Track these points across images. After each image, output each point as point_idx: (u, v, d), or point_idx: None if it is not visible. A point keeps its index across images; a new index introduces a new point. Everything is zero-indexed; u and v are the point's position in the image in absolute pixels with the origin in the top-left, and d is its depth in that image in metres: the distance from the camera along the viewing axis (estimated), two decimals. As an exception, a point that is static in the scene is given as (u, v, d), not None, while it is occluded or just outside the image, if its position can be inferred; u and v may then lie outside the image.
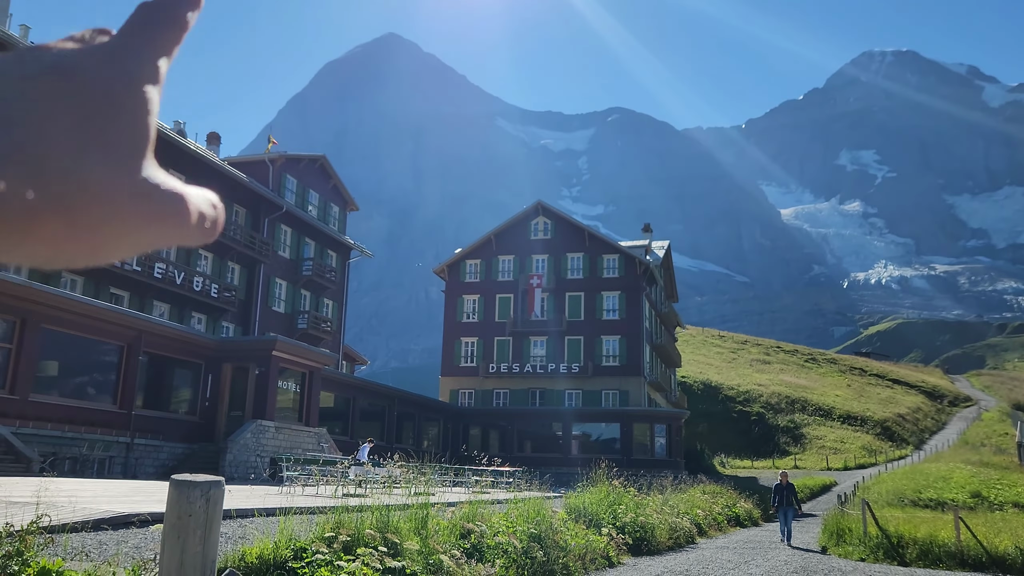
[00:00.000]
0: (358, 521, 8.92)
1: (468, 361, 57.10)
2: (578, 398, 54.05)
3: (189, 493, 2.75)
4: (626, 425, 48.81)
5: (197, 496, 2.72)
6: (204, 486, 2.78)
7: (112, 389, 25.27)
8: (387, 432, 43.41)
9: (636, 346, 54.40)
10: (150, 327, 26.48)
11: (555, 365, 54.88)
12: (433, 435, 49.55)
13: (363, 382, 43.98)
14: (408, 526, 9.57)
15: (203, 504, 2.68)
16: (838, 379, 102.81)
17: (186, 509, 2.71)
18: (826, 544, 20.11)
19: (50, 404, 22.82)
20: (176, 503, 2.78)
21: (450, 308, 58.90)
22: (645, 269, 55.83)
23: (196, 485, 2.77)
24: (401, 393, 46.16)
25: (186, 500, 2.74)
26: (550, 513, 13.18)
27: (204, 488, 2.76)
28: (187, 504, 2.72)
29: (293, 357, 30.38)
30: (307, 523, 9.05)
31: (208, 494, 2.77)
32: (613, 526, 15.64)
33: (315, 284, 46.70)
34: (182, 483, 2.84)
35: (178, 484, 2.85)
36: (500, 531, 11.19)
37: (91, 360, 25.25)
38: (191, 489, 2.76)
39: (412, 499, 10.58)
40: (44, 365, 23.51)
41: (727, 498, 28.67)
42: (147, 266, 33.77)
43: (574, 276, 56.98)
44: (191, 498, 2.73)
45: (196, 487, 2.76)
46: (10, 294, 21.50)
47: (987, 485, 35.51)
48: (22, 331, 21.99)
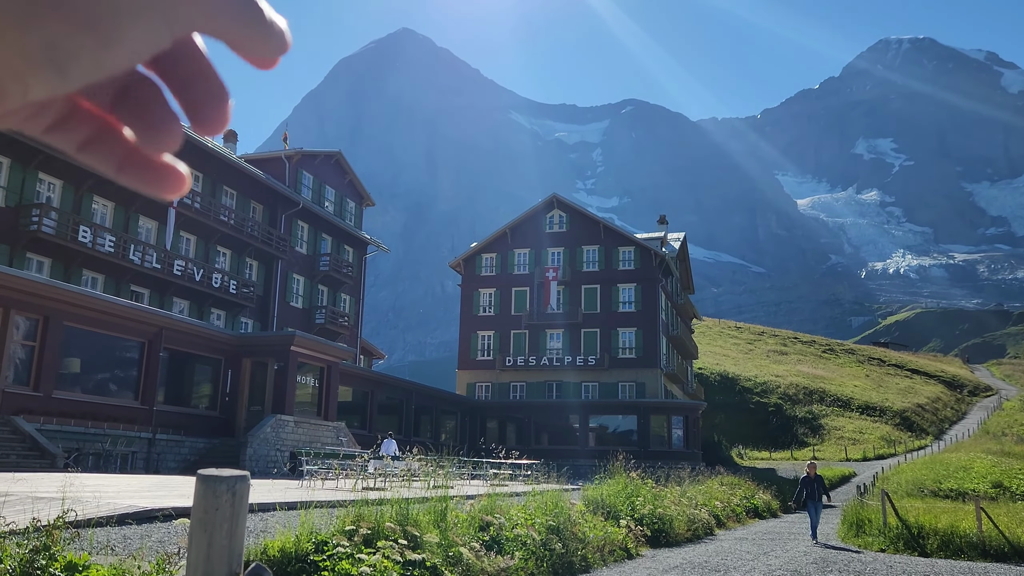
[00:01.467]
0: (378, 514, 9.00)
1: (485, 354, 57.22)
2: (595, 390, 54.05)
3: (215, 488, 2.81)
4: (643, 417, 48.77)
5: (223, 491, 2.78)
6: (230, 481, 2.83)
7: (134, 385, 25.54)
8: (405, 426, 43.60)
9: (652, 338, 54.31)
10: (170, 323, 26.73)
11: (571, 358, 54.89)
12: (451, 428, 49.72)
13: (381, 376, 44.18)
14: (428, 519, 9.64)
15: (229, 498, 2.74)
16: (856, 369, 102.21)
17: (212, 503, 2.77)
18: (845, 535, 20.06)
19: (73, 400, 23.11)
20: (203, 497, 2.84)
21: (466, 302, 59.01)
22: (661, 261, 55.68)
23: (222, 480, 2.83)
24: (418, 387, 46.33)
25: (212, 495, 2.80)
26: (568, 505, 13.23)
27: (230, 483, 2.82)
28: (213, 498, 2.78)
29: (311, 352, 30.57)
30: (328, 517, 9.13)
31: (234, 488, 2.83)
32: (631, 518, 15.67)
33: (332, 279, 46.91)
34: (208, 478, 2.90)
35: (205, 479, 2.91)
36: (519, 523, 11.25)
37: (113, 357, 25.53)
38: (217, 484, 2.82)
39: (431, 492, 10.65)
40: (67, 362, 23.79)
41: (745, 489, 28.63)
42: (166, 263, 34.05)
43: (590, 269, 56.92)
44: (217, 492, 2.79)
45: (222, 482, 2.82)
46: (33, 292, 21.76)
47: (1009, 475, 35.26)
48: (45, 329, 22.26)
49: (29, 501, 8.70)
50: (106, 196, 32.48)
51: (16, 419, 20.78)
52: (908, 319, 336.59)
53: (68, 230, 29.48)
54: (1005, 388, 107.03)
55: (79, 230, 29.84)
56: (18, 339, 21.78)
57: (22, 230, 28.31)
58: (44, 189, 30.09)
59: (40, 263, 29.50)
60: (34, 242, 28.73)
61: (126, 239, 32.24)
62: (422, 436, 44.18)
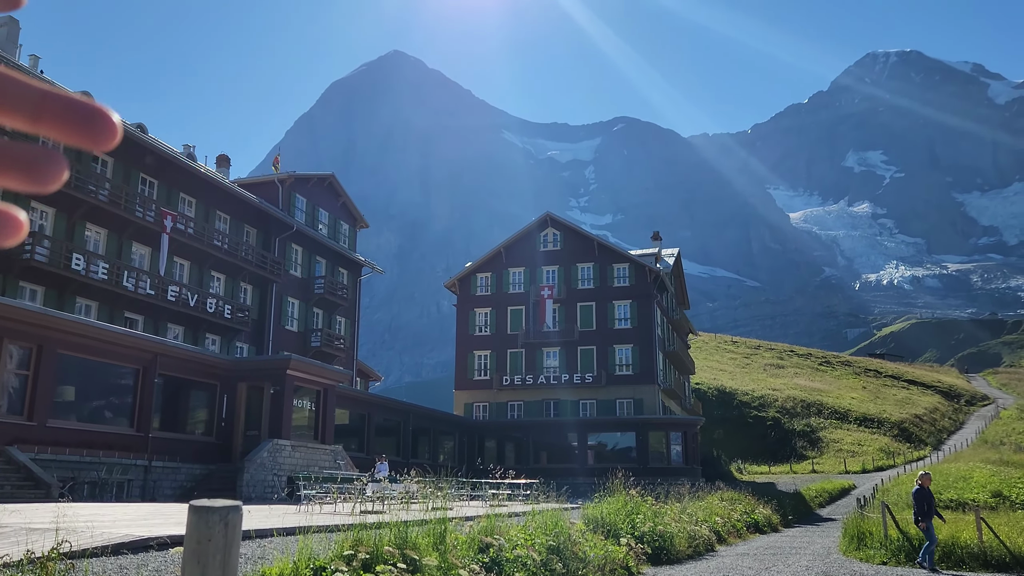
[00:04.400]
0: (376, 538, 8.93)
1: (481, 374, 57.09)
2: (592, 408, 53.92)
3: (208, 518, 2.78)
4: (641, 434, 48.63)
5: (216, 521, 2.75)
6: (222, 511, 2.81)
7: (129, 412, 25.40)
8: (403, 447, 43.41)
9: (649, 354, 54.26)
10: (165, 349, 26.63)
11: (568, 375, 54.79)
12: (449, 449, 49.51)
13: (378, 398, 44.03)
14: (426, 542, 9.56)
15: (222, 529, 2.71)
16: (853, 381, 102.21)
17: (205, 534, 2.74)
18: (847, 549, 19.96)
19: (68, 429, 22.96)
20: (195, 529, 2.82)
21: (462, 322, 58.95)
22: (655, 277, 55.75)
23: (215, 510, 2.80)
24: (416, 408, 46.18)
25: (205, 525, 2.77)
26: (568, 524, 13.15)
27: (222, 513, 2.79)
28: (206, 529, 2.75)
29: (307, 375, 30.46)
30: (326, 541, 9.06)
31: (227, 519, 2.80)
32: (632, 536, 15.58)
33: (327, 302, 46.85)
34: (201, 509, 2.87)
35: (197, 510, 2.89)
36: (518, 544, 11.17)
37: (107, 384, 25.40)
38: (210, 514, 2.79)
39: (430, 514, 10.57)
40: (61, 390, 23.66)
41: (745, 504, 28.51)
42: (160, 289, 33.98)
43: (585, 286, 56.96)
44: (210, 523, 2.76)
45: (215, 512, 2.79)
46: (26, 321, 21.67)
47: (1008, 484, 35.19)
48: (39, 358, 22.15)
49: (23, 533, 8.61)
50: (99, 223, 32.45)
51: (10, 449, 20.63)
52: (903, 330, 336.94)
53: (61, 258, 29.43)
54: (1001, 397, 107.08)
55: (72, 258, 29.78)
56: (12, 368, 21.66)
57: (15, 259, 28.26)
58: (36, 217, 30.06)
59: (33, 291, 29.41)
60: (27, 271, 28.66)
61: (119, 266, 32.18)
62: (420, 457, 43.95)
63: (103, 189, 31.92)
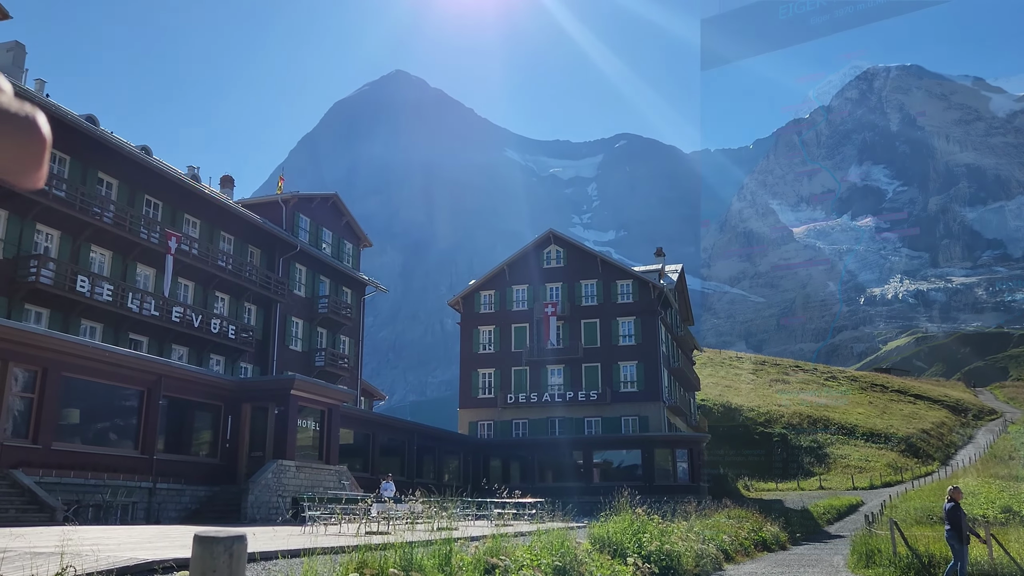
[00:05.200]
0: (382, 559, 8.89)
1: (486, 392, 56.99)
2: (598, 425, 53.75)
3: (213, 548, 2.78)
4: (647, 451, 48.42)
5: (221, 551, 2.75)
6: (227, 541, 2.80)
7: (133, 434, 25.38)
8: (407, 467, 43.27)
9: (654, 371, 54.14)
10: (169, 371, 26.64)
11: (573, 393, 54.67)
12: (453, 468, 49.34)
13: (382, 417, 43.94)
14: (432, 562, 9.52)
15: (226, 559, 2.71)
16: (859, 396, 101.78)
17: (210, 565, 2.74)
18: (855, 566, 19.82)
19: (72, 452, 22.93)
20: (200, 559, 2.82)
21: (466, 340, 58.92)
22: (659, 293, 55.72)
23: (219, 541, 2.80)
24: (420, 427, 46.07)
25: (210, 556, 2.77)
26: (574, 544, 13.08)
27: (227, 543, 2.79)
28: (211, 559, 2.75)
29: (312, 395, 30.43)
30: (331, 563, 9.02)
31: (231, 549, 2.80)
32: (638, 555, 15.48)
33: (331, 321, 46.88)
34: (206, 539, 2.87)
35: (202, 540, 2.89)
36: (524, 564, 11.11)
37: (112, 406, 25.39)
38: (215, 545, 2.79)
39: (435, 534, 10.53)
40: (66, 413, 23.65)
41: (753, 522, 28.34)
42: (165, 310, 34.03)
43: (588, 303, 56.95)
44: (215, 553, 2.76)
45: (219, 543, 2.79)
46: (31, 344, 21.71)
47: (1018, 499, 34.95)
48: (43, 380, 22.16)
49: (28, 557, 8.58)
50: (103, 245, 32.57)
51: (15, 472, 20.60)
52: (909, 344, 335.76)
53: (66, 280, 29.52)
54: (1009, 411, 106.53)
55: (77, 280, 29.87)
56: (17, 391, 21.67)
57: (20, 281, 28.34)
58: (42, 239, 30.18)
59: (39, 314, 29.48)
60: (32, 293, 28.75)
61: (124, 287, 32.26)
62: (425, 477, 43.81)
63: (108, 211, 32.06)
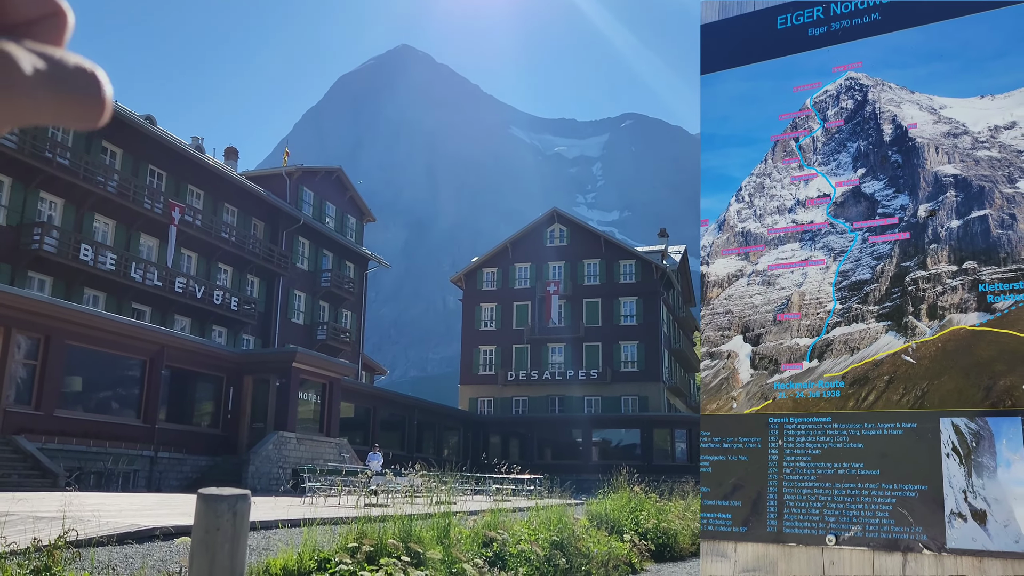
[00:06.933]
0: (380, 531, 8.96)
1: (487, 369, 57.14)
2: (597, 404, 53.93)
3: (217, 507, 2.80)
4: (646, 430, 48.62)
5: (224, 510, 2.77)
6: (231, 500, 2.83)
7: (135, 403, 25.51)
8: (407, 442, 43.50)
9: (654, 351, 54.23)
10: (172, 341, 26.72)
11: (573, 372, 54.80)
12: (453, 444, 49.59)
13: (383, 392, 44.10)
14: (430, 535, 9.59)
15: (230, 517, 2.73)
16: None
17: (214, 523, 2.76)
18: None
19: (75, 419, 23.07)
20: (204, 517, 2.84)
21: (468, 317, 59.00)
22: (662, 274, 55.69)
23: (223, 499, 2.82)
24: (420, 403, 46.25)
25: (214, 514, 2.79)
26: (572, 520, 13.16)
27: (231, 502, 2.81)
28: (215, 518, 2.77)
29: (313, 368, 30.54)
30: (330, 534, 9.09)
31: (235, 508, 2.82)
32: (635, 532, 15.58)
33: (333, 295, 46.93)
34: (210, 497, 2.89)
35: (206, 498, 2.91)
36: (522, 539, 11.19)
37: (114, 375, 25.51)
38: (218, 503, 2.81)
39: (434, 508, 10.61)
40: (69, 381, 23.77)
41: (750, 503, 28.49)
42: (168, 281, 34.08)
43: (591, 282, 56.93)
44: (219, 512, 2.78)
45: (223, 501, 2.81)
46: (34, 311, 21.78)
47: None
48: (47, 348, 22.26)
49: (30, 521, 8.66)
50: (107, 214, 32.57)
51: (18, 438, 20.74)
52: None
53: (69, 249, 29.54)
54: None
55: (80, 248, 29.90)
56: (20, 358, 21.77)
57: (24, 249, 28.37)
58: (45, 208, 30.18)
59: (42, 282, 29.54)
60: (36, 261, 28.79)
61: (127, 257, 32.29)
62: (425, 452, 44.05)
63: (112, 181, 32.03)
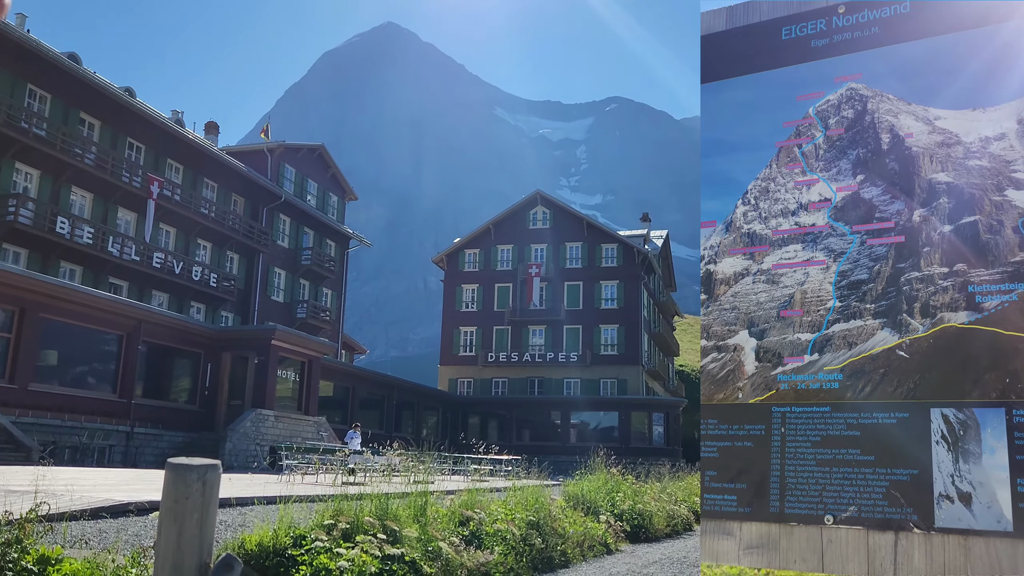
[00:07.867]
0: (357, 509, 8.94)
1: (467, 350, 57.19)
2: (577, 387, 54.15)
3: (185, 476, 2.77)
4: (624, 414, 48.92)
5: (193, 479, 2.74)
6: (200, 469, 2.79)
7: (112, 378, 25.31)
8: (386, 421, 43.51)
9: (634, 335, 54.47)
10: (149, 316, 26.50)
11: (554, 354, 54.96)
12: (432, 424, 49.67)
13: (362, 371, 44.05)
14: (407, 513, 9.59)
15: (199, 487, 2.70)
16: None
17: (183, 492, 2.73)
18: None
19: (50, 393, 22.86)
20: (172, 486, 2.80)
21: (449, 297, 58.95)
22: (644, 258, 55.85)
23: (192, 468, 2.79)
24: (400, 382, 46.24)
25: (183, 483, 2.76)
26: (548, 501, 13.22)
27: (200, 471, 2.78)
28: (184, 487, 2.74)
29: (292, 346, 30.42)
30: (307, 511, 9.06)
31: (204, 477, 2.79)
32: (611, 513, 15.69)
33: (314, 273, 46.70)
34: (178, 466, 2.86)
35: (175, 467, 2.87)
36: (499, 518, 11.23)
37: (90, 349, 25.28)
38: (187, 472, 2.78)
39: (411, 487, 10.60)
40: (44, 355, 23.53)
41: (725, 486, 28.74)
42: (146, 256, 33.75)
43: (573, 265, 57.01)
44: (187, 481, 2.75)
45: (192, 470, 2.78)
46: (9, 284, 21.50)
47: None
48: (21, 321, 22.00)
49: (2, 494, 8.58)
50: (84, 187, 32.16)
51: (-9, 412, 20.52)
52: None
53: (45, 221, 29.18)
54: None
55: (57, 221, 29.54)
56: (-6, 331, 21.51)
57: (-1, 221, 27.98)
58: (21, 179, 29.75)
59: (17, 254, 29.17)
60: (11, 233, 28.41)
61: (105, 231, 31.94)
62: (403, 431, 44.09)
63: (89, 153, 31.60)
